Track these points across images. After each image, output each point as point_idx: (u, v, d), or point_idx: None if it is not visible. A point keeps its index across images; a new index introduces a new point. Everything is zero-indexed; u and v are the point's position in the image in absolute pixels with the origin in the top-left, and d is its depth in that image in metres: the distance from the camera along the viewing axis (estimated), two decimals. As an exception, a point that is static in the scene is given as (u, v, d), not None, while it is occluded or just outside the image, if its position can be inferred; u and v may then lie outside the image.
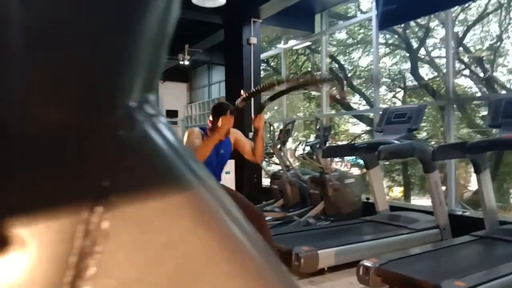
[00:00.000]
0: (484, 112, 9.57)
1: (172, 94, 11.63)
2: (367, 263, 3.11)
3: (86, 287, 0.20)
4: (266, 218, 5.36)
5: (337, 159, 10.45)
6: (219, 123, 2.77)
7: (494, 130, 4.13)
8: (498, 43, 10.02)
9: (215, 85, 11.29)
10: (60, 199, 0.21)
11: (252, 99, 6.56)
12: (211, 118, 3.01)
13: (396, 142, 4.01)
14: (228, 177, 5.54)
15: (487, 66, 9.95)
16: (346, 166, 10.95)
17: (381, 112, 4.78)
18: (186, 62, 8.37)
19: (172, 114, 11.64)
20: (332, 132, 10.86)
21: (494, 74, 9.86)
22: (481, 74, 9.84)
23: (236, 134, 3.18)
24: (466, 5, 8.77)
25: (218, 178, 3.25)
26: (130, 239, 0.21)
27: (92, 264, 0.20)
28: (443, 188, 4.83)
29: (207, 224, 0.24)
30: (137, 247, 0.21)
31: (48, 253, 0.20)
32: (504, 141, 3.41)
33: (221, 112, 2.96)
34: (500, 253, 3.42)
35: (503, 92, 9.39)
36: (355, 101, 11.87)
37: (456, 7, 8.48)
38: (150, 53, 0.27)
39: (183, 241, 0.22)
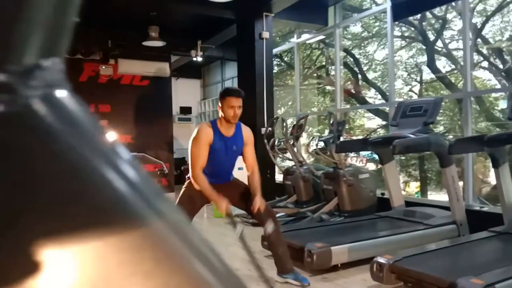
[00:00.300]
0: (503, 105, 9.33)
1: (185, 91, 11.66)
2: (381, 259, 3.04)
3: None
4: (279, 214, 5.33)
5: (352, 154, 10.34)
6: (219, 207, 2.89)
7: (513, 123, 4.01)
8: (519, 34, 9.75)
9: (228, 81, 11.27)
10: None
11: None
12: (219, 103, 3.01)
13: (411, 136, 3.92)
14: (241, 173, 5.51)
15: (507, 57, 9.69)
16: (362, 161, 10.83)
17: (396, 106, 4.68)
18: (199, 59, 8.35)
19: (185, 110, 11.67)
20: (347, 127, 10.76)
21: (514, 66, 9.59)
22: (501, 66, 9.59)
23: (248, 139, 3.17)
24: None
25: (230, 173, 3.22)
26: None
27: None
28: (460, 183, 4.71)
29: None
30: None
31: None
32: (524, 134, 3.30)
33: (223, 94, 2.99)
34: (520, 250, 3.32)
35: (524, 84, 9.13)
36: (371, 95, 11.72)
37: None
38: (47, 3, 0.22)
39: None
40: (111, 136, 0.27)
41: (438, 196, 9.21)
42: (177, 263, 0.24)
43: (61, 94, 0.21)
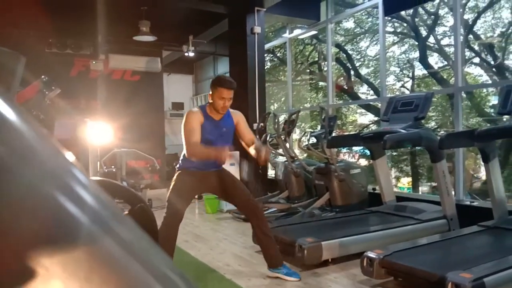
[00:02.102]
0: (494, 101, 9.40)
1: (177, 86, 11.59)
2: (371, 254, 3.05)
3: None
4: (271, 210, 5.33)
5: (344, 150, 10.36)
6: (221, 157, 2.74)
7: (504, 118, 4.02)
8: (510, 30, 9.81)
9: (221, 76, 11.22)
10: None
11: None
12: (210, 91, 2.98)
13: (402, 131, 3.92)
14: (233, 169, 5.50)
15: (498, 53, 9.75)
16: (354, 157, 10.86)
17: (387, 101, 4.68)
18: (191, 54, 8.30)
19: (178, 106, 11.60)
20: (340, 123, 10.77)
21: (505, 61, 9.66)
22: (492, 62, 9.64)
23: (239, 117, 3.14)
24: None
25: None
26: None
27: None
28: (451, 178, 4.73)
29: None
30: None
31: None
32: (513, 128, 3.31)
33: (215, 84, 2.95)
34: (509, 244, 3.34)
35: (515, 79, 9.19)
36: (363, 91, 11.74)
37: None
38: None
39: None
40: (68, 156, 0.26)
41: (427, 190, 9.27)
42: (125, 282, 0.24)
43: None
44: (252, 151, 2.98)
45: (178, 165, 3.13)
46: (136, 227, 0.28)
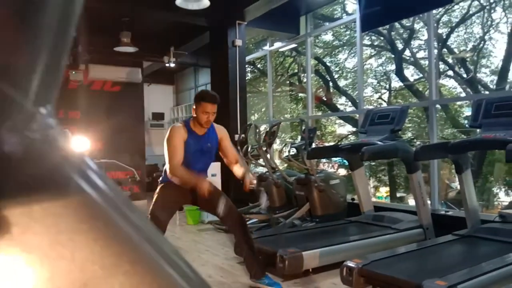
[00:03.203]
0: (467, 113, 9.70)
1: (158, 97, 11.57)
2: (350, 263, 3.12)
3: None
4: (252, 221, 5.37)
5: (324, 160, 10.50)
6: (200, 188, 2.80)
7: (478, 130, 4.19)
8: (481, 44, 10.18)
9: (202, 87, 11.27)
10: None
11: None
12: (194, 106, 3.01)
13: (379, 143, 4.04)
14: (215, 179, 5.53)
15: (471, 67, 10.09)
16: (333, 167, 11.02)
17: (365, 113, 4.82)
18: (172, 65, 8.33)
19: (158, 116, 11.57)
20: (319, 133, 10.92)
21: (478, 75, 10.01)
22: (465, 75, 9.98)
23: (223, 133, 3.17)
24: (450, 7, 8.89)
25: (205, 174, 3.22)
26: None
27: None
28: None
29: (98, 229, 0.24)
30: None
31: None
32: (483, 141, 3.46)
33: (198, 98, 2.99)
34: (481, 252, 3.47)
35: (486, 92, 9.53)
36: (342, 102, 11.95)
37: (439, 9, 8.59)
38: (49, 56, 0.26)
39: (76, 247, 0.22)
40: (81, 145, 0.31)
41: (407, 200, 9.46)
42: (140, 261, 0.26)
43: (54, 133, 0.25)
44: (236, 171, 3.05)
45: (161, 178, 3.15)
46: (143, 215, 0.32)
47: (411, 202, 9.02)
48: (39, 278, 0.20)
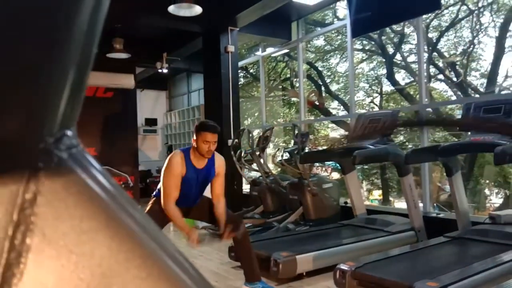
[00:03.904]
0: (458, 116, 9.80)
1: (151, 102, 11.58)
2: (343, 266, 3.16)
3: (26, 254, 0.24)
4: (246, 225, 5.39)
5: (317, 164, 10.55)
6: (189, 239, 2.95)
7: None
8: (471, 48, 10.31)
9: (195, 92, 11.29)
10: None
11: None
12: (194, 136, 3.00)
13: (371, 147, 4.10)
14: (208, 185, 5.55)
15: (461, 70, 10.21)
16: (327, 171, 11.07)
17: (356, 118, 4.87)
18: (165, 70, 8.36)
19: (151, 122, 11.57)
20: (312, 137, 10.99)
21: (468, 78, 10.13)
22: (455, 79, 10.10)
23: (221, 170, 3.13)
24: (439, 11, 9.01)
25: (198, 199, 3.23)
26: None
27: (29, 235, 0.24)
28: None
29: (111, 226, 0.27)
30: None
31: None
32: (472, 144, 3.53)
33: (198, 128, 2.97)
34: (471, 253, 3.53)
35: (476, 96, 9.66)
36: (334, 106, 12.03)
37: (429, 14, 8.70)
38: (74, 77, 0.29)
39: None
40: None
41: (400, 203, 9.53)
42: (146, 256, 0.29)
43: (78, 151, 0.29)
44: (216, 211, 3.09)
45: (154, 193, 3.14)
46: (145, 213, 0.34)
47: (397, 205, 9.12)
48: (66, 270, 0.24)
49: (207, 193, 3.27)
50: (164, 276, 0.28)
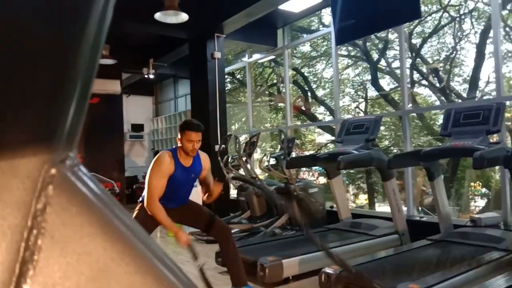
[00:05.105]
0: (441, 121, 9.95)
1: (137, 108, 11.55)
2: (328, 270, 3.22)
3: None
4: (233, 230, 5.41)
5: (304, 169, 10.62)
6: (179, 239, 2.97)
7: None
8: (453, 54, 10.52)
9: (181, 98, 11.30)
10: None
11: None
12: (179, 135, 3.06)
13: (355, 152, 4.18)
14: (195, 190, 5.56)
15: (444, 76, 10.41)
16: (313, 175, 11.16)
17: (341, 123, 4.96)
18: (151, 76, 8.37)
19: (137, 128, 11.53)
20: (299, 142, 11.08)
21: (451, 83, 10.33)
22: (438, 84, 10.29)
23: (206, 164, 3.22)
24: (423, 18, 9.19)
25: (187, 198, 3.27)
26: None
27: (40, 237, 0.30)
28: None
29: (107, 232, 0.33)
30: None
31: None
32: (453, 149, 3.63)
33: (182, 128, 3.04)
34: (453, 255, 3.61)
35: (459, 101, 9.85)
36: (320, 111, 12.15)
37: (413, 21, 8.87)
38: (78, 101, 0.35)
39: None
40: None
41: (386, 207, 9.64)
42: (136, 257, 0.34)
43: (78, 169, 0.35)
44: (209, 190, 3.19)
45: (141, 198, 3.15)
46: (132, 217, 0.40)
47: (382, 208, 9.24)
48: (70, 266, 0.30)
49: (195, 198, 3.30)
50: (151, 271, 0.34)
